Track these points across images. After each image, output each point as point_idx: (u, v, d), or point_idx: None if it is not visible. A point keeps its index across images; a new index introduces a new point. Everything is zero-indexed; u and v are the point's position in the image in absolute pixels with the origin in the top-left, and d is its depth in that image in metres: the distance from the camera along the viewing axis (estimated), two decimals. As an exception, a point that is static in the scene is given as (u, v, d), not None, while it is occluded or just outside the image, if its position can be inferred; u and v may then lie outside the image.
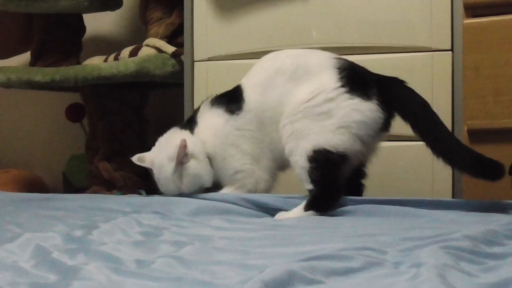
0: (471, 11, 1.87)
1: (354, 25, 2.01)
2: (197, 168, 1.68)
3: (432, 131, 1.54)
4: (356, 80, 1.59)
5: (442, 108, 1.89)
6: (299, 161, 1.57)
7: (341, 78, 1.58)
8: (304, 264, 0.89)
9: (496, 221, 1.27)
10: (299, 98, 1.60)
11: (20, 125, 3.32)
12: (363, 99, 1.56)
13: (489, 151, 1.81)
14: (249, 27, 2.12)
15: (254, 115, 1.67)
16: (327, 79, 1.59)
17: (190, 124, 1.76)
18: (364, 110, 1.55)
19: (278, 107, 1.63)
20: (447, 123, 1.88)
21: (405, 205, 1.54)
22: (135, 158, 1.75)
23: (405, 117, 1.57)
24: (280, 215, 1.54)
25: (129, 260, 0.99)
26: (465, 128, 1.84)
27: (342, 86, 1.57)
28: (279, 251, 1.08)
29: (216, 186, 1.73)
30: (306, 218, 1.50)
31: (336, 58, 1.64)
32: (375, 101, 1.56)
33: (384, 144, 1.67)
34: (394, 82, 1.60)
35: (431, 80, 1.91)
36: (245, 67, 2.09)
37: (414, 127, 1.55)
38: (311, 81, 1.60)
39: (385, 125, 1.59)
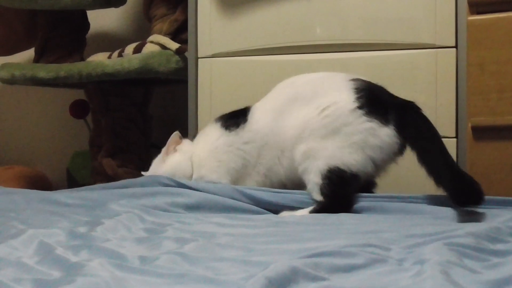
0: (476, 7, 1.86)
1: (357, 22, 2.00)
2: (177, 161, 1.77)
3: (437, 167, 1.49)
4: (375, 102, 1.56)
5: (446, 105, 1.89)
6: (313, 178, 1.55)
7: (359, 98, 1.56)
8: (307, 261, 0.89)
9: (499, 218, 1.27)
10: (309, 113, 1.59)
11: (24, 122, 3.32)
12: (382, 123, 1.53)
13: (492, 148, 1.81)
14: (253, 24, 2.12)
15: (259, 137, 1.67)
16: (343, 99, 1.57)
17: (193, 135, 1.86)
18: (382, 135, 1.53)
19: (289, 131, 1.62)
20: (451, 120, 1.88)
21: (408, 202, 1.54)
22: None
23: (413, 147, 1.53)
24: (284, 214, 1.54)
25: (133, 257, 1.00)
26: (469, 125, 1.84)
27: (360, 107, 1.55)
28: (283, 247, 1.08)
29: None
30: (309, 215, 1.50)
31: (354, 80, 1.61)
32: (393, 127, 1.53)
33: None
34: (411, 108, 1.56)
35: (435, 77, 1.91)
36: (249, 64, 2.10)
37: (420, 160, 1.51)
38: (324, 99, 1.59)
39: (400, 149, 1.56)
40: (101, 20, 3.02)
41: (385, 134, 1.53)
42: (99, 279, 0.84)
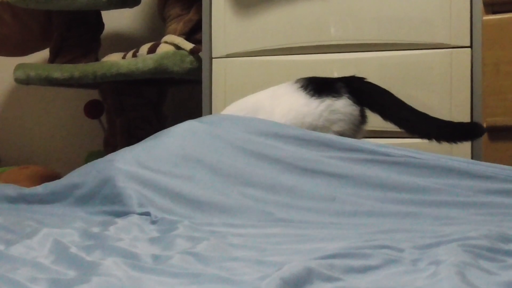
0: (491, 7, 1.86)
1: (372, 22, 2.00)
2: None
3: (401, 115, 1.62)
4: (321, 85, 1.67)
5: (461, 105, 1.88)
6: None
7: (308, 91, 1.67)
8: (322, 262, 0.89)
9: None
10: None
11: (39, 122, 3.34)
12: (334, 97, 1.64)
13: (508, 148, 1.80)
14: (268, 24, 2.12)
15: None
16: (295, 98, 1.68)
17: None
18: (339, 107, 1.63)
19: None
20: (466, 120, 1.87)
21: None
22: None
23: (373, 108, 1.65)
24: None
25: (147, 256, 1.00)
26: (485, 125, 1.83)
27: (312, 96, 1.66)
28: (295, 247, 1.08)
29: None
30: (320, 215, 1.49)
31: (296, 81, 1.72)
32: (347, 96, 1.64)
33: (397, 141, 1.67)
34: (356, 79, 1.68)
35: (449, 77, 1.90)
36: (263, 64, 2.10)
37: (384, 116, 1.63)
38: (281, 105, 1.70)
39: (362, 118, 1.67)
40: (115, 20, 3.03)
41: (342, 105, 1.64)
42: (114, 279, 0.84)
